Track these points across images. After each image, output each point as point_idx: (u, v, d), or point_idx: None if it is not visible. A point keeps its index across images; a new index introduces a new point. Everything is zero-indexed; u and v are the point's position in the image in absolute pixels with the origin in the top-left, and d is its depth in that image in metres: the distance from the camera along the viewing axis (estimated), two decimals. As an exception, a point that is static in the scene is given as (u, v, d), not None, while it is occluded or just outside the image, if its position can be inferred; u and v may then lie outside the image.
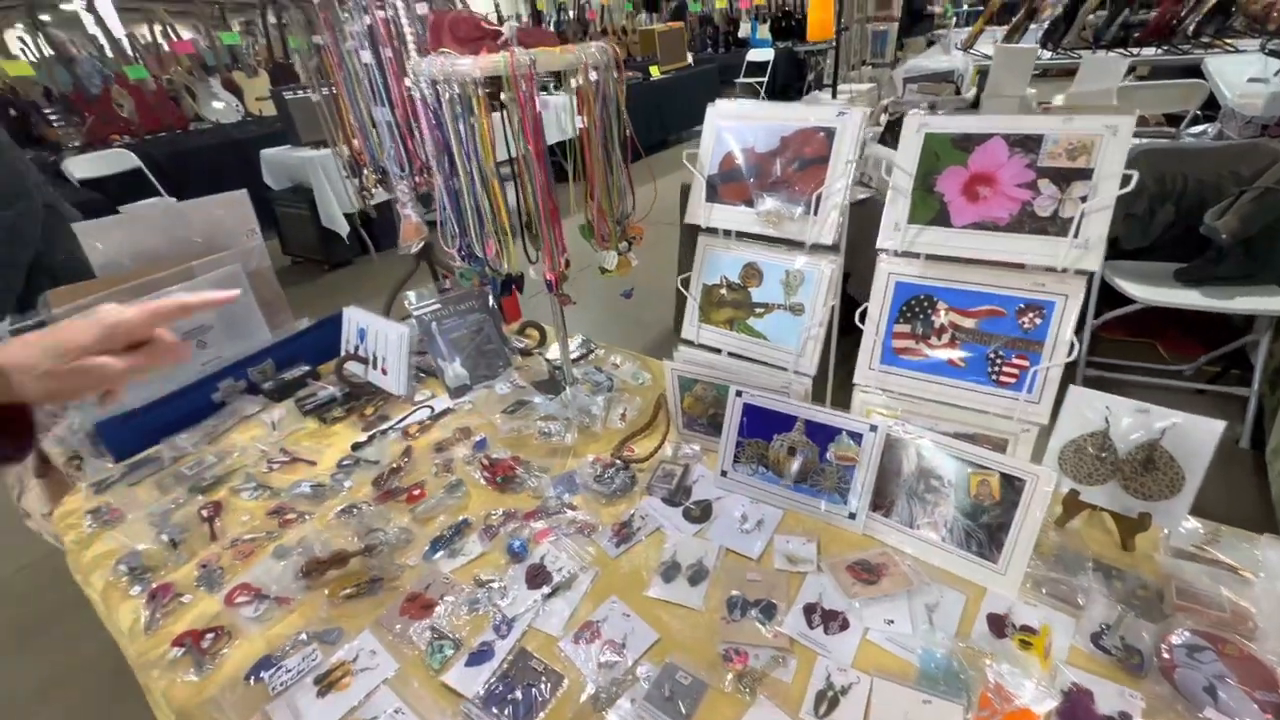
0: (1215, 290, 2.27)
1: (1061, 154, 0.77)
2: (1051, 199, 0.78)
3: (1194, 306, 2.25)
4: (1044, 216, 0.79)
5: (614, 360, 1.40)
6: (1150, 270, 2.43)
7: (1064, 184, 0.77)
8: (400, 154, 1.25)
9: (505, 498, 1.09)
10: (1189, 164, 2.38)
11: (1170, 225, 2.43)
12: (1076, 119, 0.76)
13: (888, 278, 0.90)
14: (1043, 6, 6.28)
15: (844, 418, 0.94)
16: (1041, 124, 0.78)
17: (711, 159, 1.01)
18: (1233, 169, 2.32)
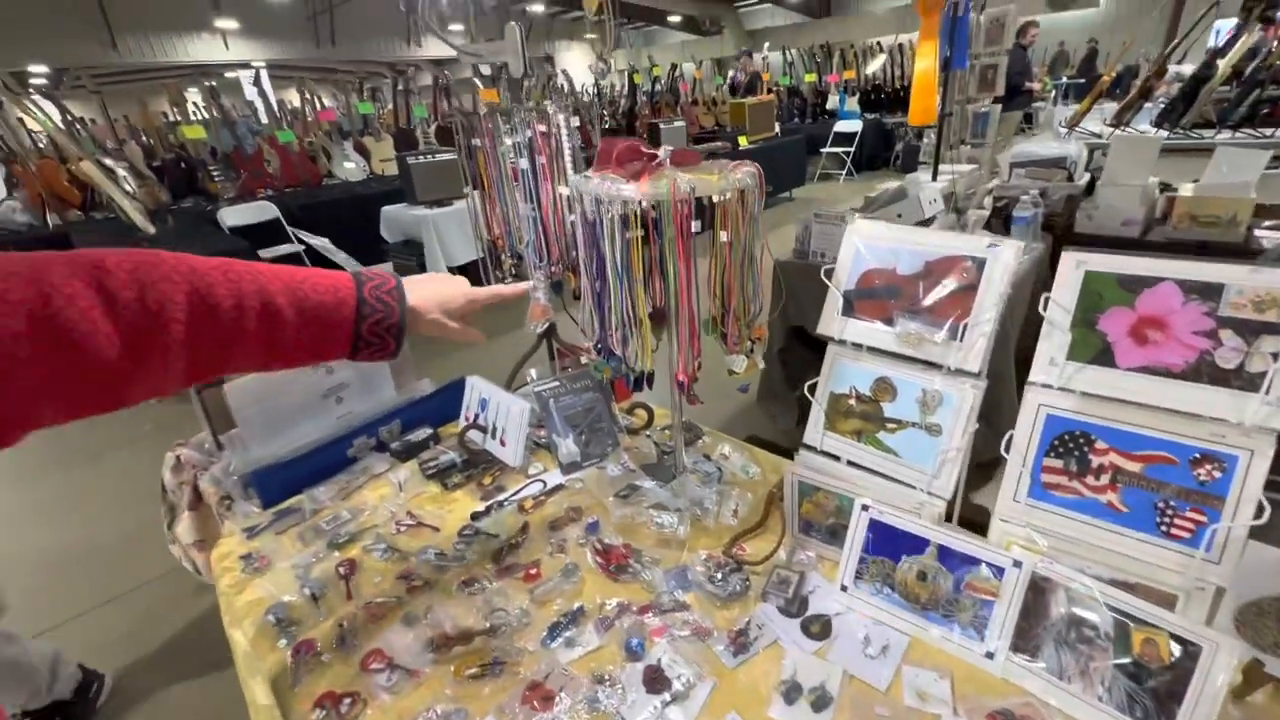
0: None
1: (1246, 305, 0.73)
2: (1236, 351, 0.74)
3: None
4: (1227, 369, 0.75)
5: (722, 450, 1.41)
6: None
7: (1251, 337, 0.74)
8: (540, 246, 1.36)
9: (618, 587, 1.11)
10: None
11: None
12: (1264, 271, 0.73)
13: (1037, 409, 0.87)
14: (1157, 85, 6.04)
15: (984, 548, 0.90)
16: (1220, 273, 0.75)
17: (850, 275, 1.03)
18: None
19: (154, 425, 3.75)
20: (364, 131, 7.18)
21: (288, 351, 0.74)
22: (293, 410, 1.54)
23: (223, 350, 0.67)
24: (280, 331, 0.71)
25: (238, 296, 0.67)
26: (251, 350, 0.70)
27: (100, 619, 2.33)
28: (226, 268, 0.69)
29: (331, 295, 0.75)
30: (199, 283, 0.65)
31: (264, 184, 6.13)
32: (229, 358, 0.69)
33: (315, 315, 0.73)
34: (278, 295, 0.70)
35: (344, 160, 6.65)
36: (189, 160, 6.39)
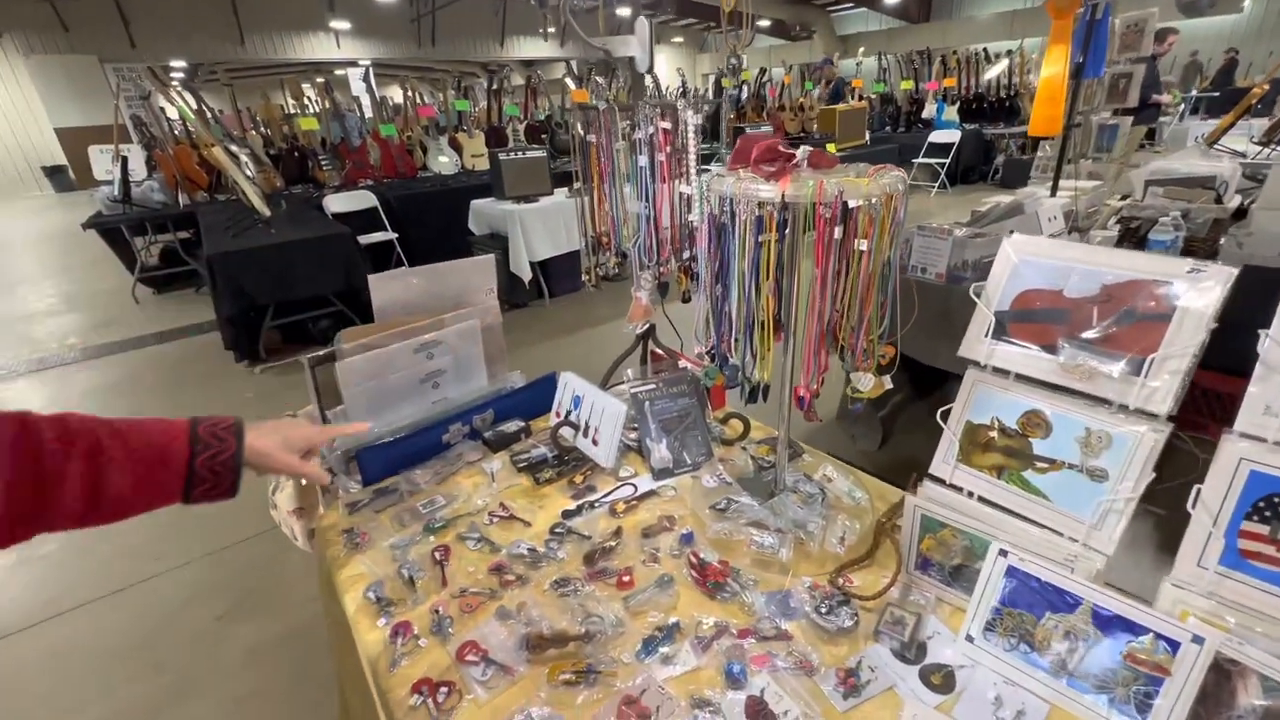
0: None
1: None
2: None
3: None
4: None
5: (826, 472, 1.33)
6: None
7: None
8: (650, 245, 1.33)
9: (715, 606, 1.06)
10: None
11: None
12: None
13: (1238, 462, 0.75)
14: (1316, 101, 5.39)
15: (1153, 615, 0.78)
16: None
17: (1003, 294, 0.93)
18: None
19: (255, 394, 4.03)
20: (458, 128, 7.47)
21: (115, 494, 0.71)
22: (395, 392, 1.59)
23: (41, 491, 0.66)
24: (108, 470, 0.70)
25: (63, 432, 0.68)
26: (76, 491, 0.67)
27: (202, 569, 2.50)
28: (60, 416, 0.70)
29: (162, 434, 0.76)
30: (28, 419, 0.67)
31: (365, 174, 6.50)
32: (50, 501, 0.67)
33: (145, 452, 0.73)
34: (105, 435, 0.71)
35: (439, 154, 6.95)
36: (301, 150, 6.87)
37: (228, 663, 2.06)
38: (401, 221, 5.77)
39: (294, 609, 2.25)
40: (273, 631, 2.17)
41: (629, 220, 1.40)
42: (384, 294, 1.72)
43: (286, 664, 2.03)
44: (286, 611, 2.25)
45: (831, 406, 3.15)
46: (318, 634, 1.78)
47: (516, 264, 4.95)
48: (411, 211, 5.83)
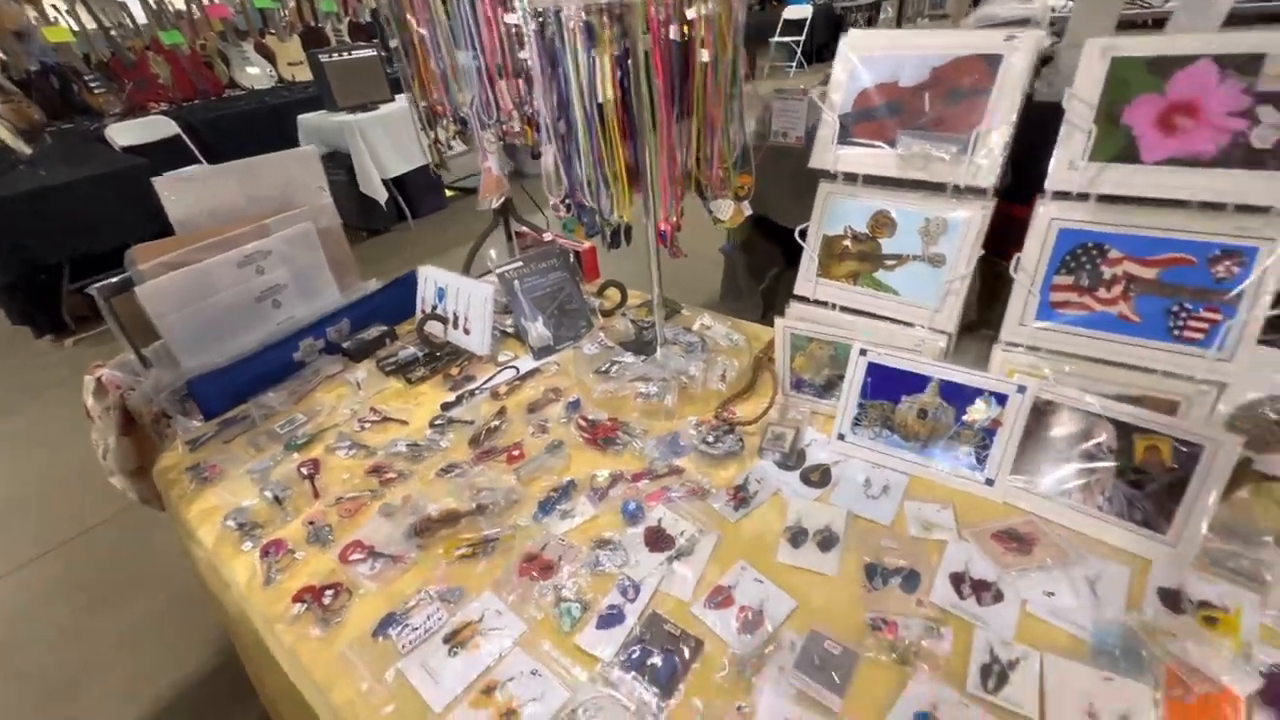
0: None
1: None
2: (1274, 128, 0.69)
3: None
4: (1263, 149, 0.70)
5: (703, 321, 1.34)
6: None
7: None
8: (487, 100, 1.19)
9: (608, 459, 1.05)
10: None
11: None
12: (1309, 34, 0.66)
13: (1049, 224, 0.82)
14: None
15: (988, 379, 0.87)
16: (1264, 42, 0.68)
17: (844, 96, 0.92)
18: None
19: (71, 370, 3.43)
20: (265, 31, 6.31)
21: None
22: (224, 316, 1.37)
23: None
24: None
25: None
26: None
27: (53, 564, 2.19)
28: None
29: None
30: None
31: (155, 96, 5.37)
32: None
33: None
34: None
35: (246, 65, 5.87)
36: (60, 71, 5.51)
37: (102, 653, 1.85)
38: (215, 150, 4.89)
39: (174, 578, 2.04)
40: (149, 609, 1.96)
41: (459, 76, 1.23)
42: (181, 202, 1.44)
43: (174, 633, 1.86)
44: (167, 582, 2.03)
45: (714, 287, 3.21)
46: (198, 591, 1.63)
47: (366, 183, 4.43)
48: (225, 137, 4.95)
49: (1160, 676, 0.66)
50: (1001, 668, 0.69)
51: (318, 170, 1.61)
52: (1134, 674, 0.67)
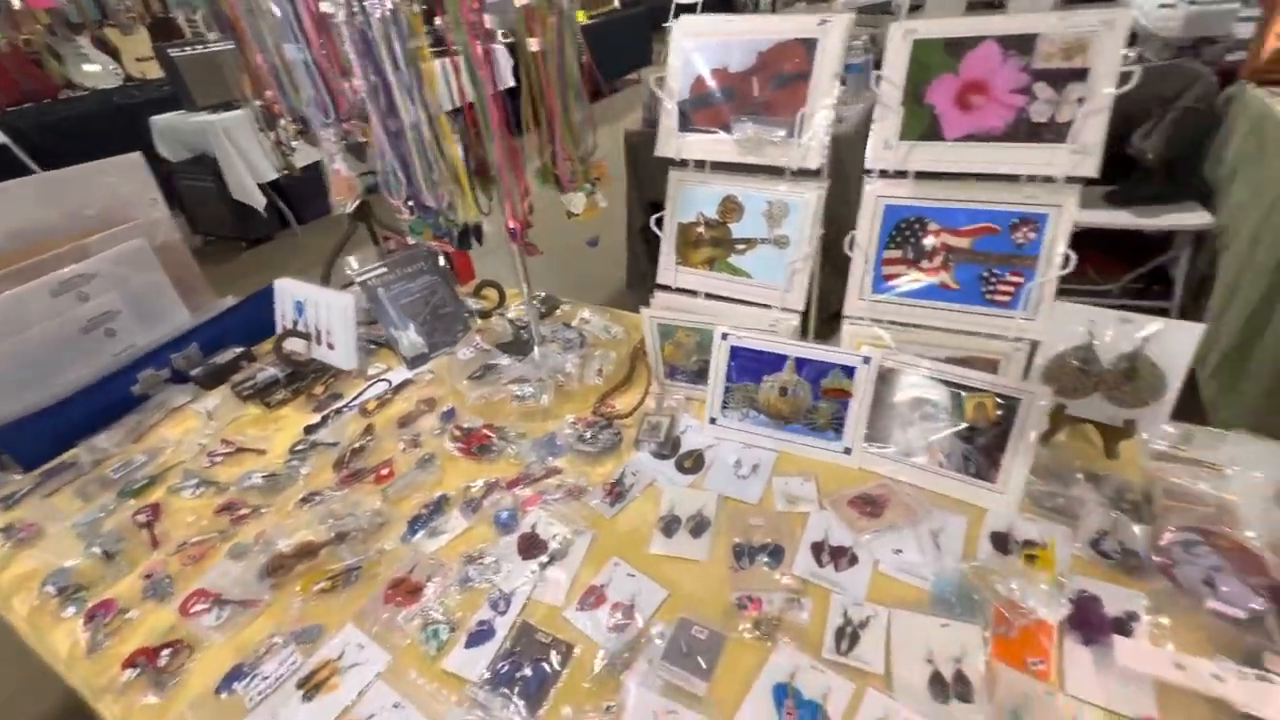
0: (1142, 210, 2.38)
1: (1057, 54, 0.73)
2: (1048, 103, 0.75)
3: (1125, 226, 2.36)
4: (1040, 123, 0.76)
5: (582, 316, 1.32)
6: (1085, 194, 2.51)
7: (1060, 86, 0.74)
8: (322, 97, 1.10)
9: (483, 467, 1.02)
10: (1118, 87, 2.43)
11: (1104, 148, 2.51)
12: (1073, 14, 0.72)
13: (876, 201, 0.86)
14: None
15: (835, 352, 0.91)
16: (1036, 23, 0.74)
17: (681, 83, 0.92)
18: (1155, 91, 2.40)
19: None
20: (103, 23, 5.62)
21: None
22: (40, 351, 1.21)
23: None
24: None
25: None
26: None
27: None
28: None
29: None
30: None
31: (-29, 101, 4.68)
32: None
33: None
34: None
35: (82, 62, 5.21)
36: None
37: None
38: (55, 159, 4.34)
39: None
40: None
41: (291, 71, 1.13)
42: (-28, 226, 1.25)
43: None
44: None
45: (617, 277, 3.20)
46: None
47: (239, 189, 4.08)
48: (66, 143, 4.39)
49: (989, 616, 0.72)
50: (854, 629, 0.73)
51: (146, 180, 1.45)
52: (967, 617, 0.72)
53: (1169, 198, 2.40)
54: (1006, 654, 0.68)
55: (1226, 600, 0.68)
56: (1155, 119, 2.38)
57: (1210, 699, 0.61)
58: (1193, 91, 2.33)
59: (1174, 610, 0.69)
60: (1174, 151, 2.34)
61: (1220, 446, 0.88)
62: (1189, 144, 2.37)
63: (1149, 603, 0.71)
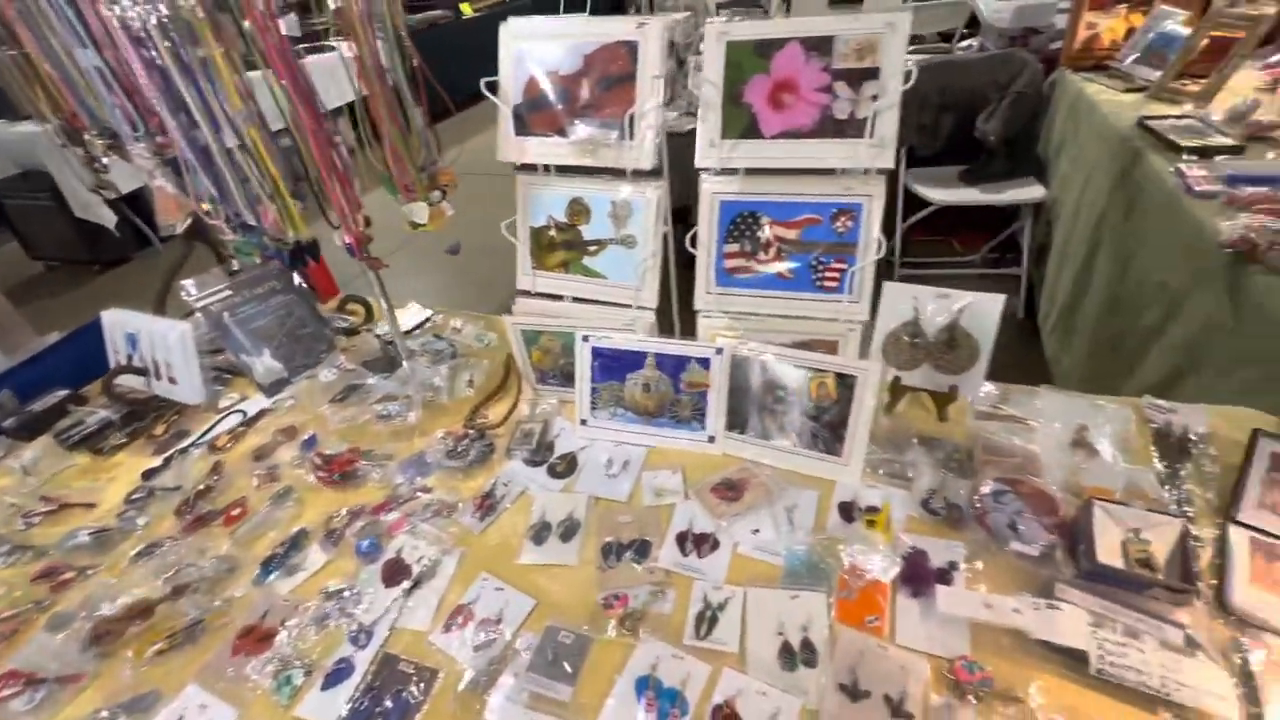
0: (990, 187, 2.62)
1: (851, 55, 0.79)
2: (847, 101, 0.80)
3: (974, 202, 2.58)
4: (842, 119, 0.81)
5: (454, 325, 1.28)
6: (941, 175, 2.74)
7: (856, 85, 0.80)
8: (126, 108, 0.99)
9: (347, 495, 0.97)
10: (961, 76, 2.66)
11: (953, 132, 2.73)
12: (861, 17, 0.77)
13: (712, 198, 0.89)
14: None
15: (690, 345, 0.94)
16: (832, 25, 0.79)
17: (515, 86, 0.91)
18: (993, 78, 2.64)
19: None
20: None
21: None
22: None
23: None
24: None
25: None
26: None
27: None
28: None
29: None
30: None
31: None
32: None
33: None
34: None
35: None
36: None
37: None
38: None
39: None
40: None
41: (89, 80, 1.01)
42: None
43: None
44: None
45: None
46: None
47: (81, 206, 3.63)
48: None
49: (834, 582, 0.77)
50: (713, 612, 0.76)
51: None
52: (814, 586, 0.77)
53: (1011, 174, 2.66)
54: (847, 616, 0.74)
55: (1025, 540, 0.76)
56: (994, 104, 2.61)
57: (1011, 631, 0.69)
58: (1023, 78, 2.57)
59: (986, 555, 0.77)
60: (1011, 132, 2.59)
61: (1031, 402, 0.99)
62: (1023, 125, 2.62)
63: (967, 551, 0.78)
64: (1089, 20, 2.53)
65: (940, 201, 2.59)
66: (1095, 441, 0.91)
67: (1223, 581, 0.71)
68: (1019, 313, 2.70)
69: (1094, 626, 0.67)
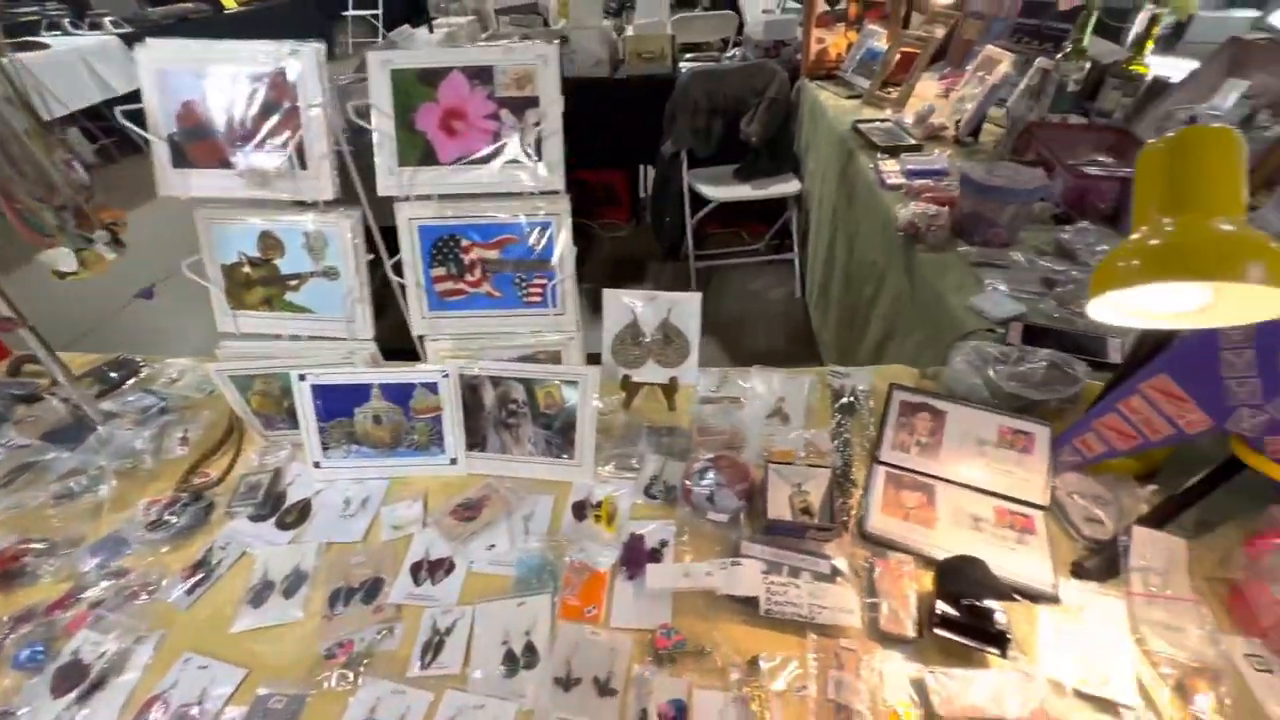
0: (758, 183, 2.93)
1: (511, 84, 0.83)
2: (513, 128, 0.84)
3: (746, 198, 2.87)
4: (511, 145, 0.85)
5: (170, 375, 1.14)
6: (718, 174, 3.00)
7: (520, 113, 0.84)
8: None
9: (13, 599, 0.82)
10: (726, 82, 2.92)
11: (724, 135, 3.01)
12: (516, 49, 0.82)
13: (409, 224, 0.88)
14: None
15: (416, 371, 0.93)
16: (488, 55, 0.82)
17: (163, 114, 0.82)
18: (751, 85, 2.94)
19: None
20: None
21: None
22: None
23: None
24: None
25: None
26: None
27: None
28: None
29: None
30: None
31: None
32: None
33: None
34: None
35: None
36: None
37: None
38: None
39: None
40: None
41: None
42: None
43: None
44: None
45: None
46: None
47: None
48: None
49: (560, 582, 0.81)
50: (440, 637, 0.76)
51: None
52: (542, 589, 0.81)
53: (775, 171, 2.99)
54: (570, 612, 0.78)
55: (719, 509, 0.87)
56: (754, 108, 2.92)
57: (705, 593, 0.78)
58: (774, 86, 2.90)
59: (692, 528, 0.87)
60: (770, 134, 2.91)
61: (745, 382, 1.13)
62: (778, 127, 2.96)
63: (676, 528, 0.87)
64: (818, 36, 2.92)
65: (717, 198, 2.84)
66: (789, 410, 1.06)
67: (864, 513, 0.87)
68: (796, 292, 3.07)
69: (766, 574, 0.79)
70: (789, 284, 3.12)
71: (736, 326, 2.96)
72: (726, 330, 2.91)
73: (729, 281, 3.26)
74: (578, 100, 0.96)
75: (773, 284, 3.22)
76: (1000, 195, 1.45)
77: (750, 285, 3.25)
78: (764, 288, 3.22)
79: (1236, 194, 0.61)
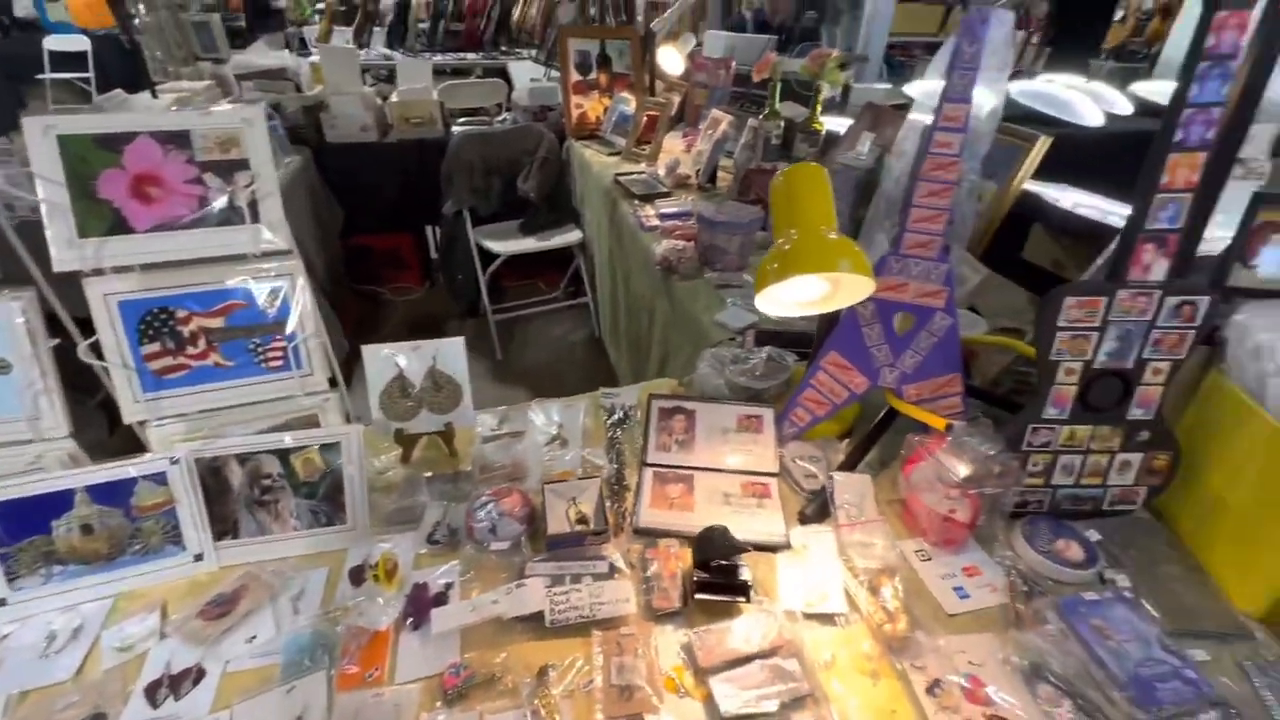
0: (542, 235, 3.08)
1: (215, 148, 0.81)
2: (220, 191, 0.82)
3: (532, 249, 3.00)
4: (224, 208, 0.83)
5: None
6: (504, 229, 3.10)
7: (228, 176, 0.83)
8: None
9: None
10: (499, 144, 3.06)
11: (503, 192, 3.13)
12: (215, 113, 0.80)
13: (105, 300, 0.79)
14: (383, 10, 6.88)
15: (133, 464, 0.82)
16: (183, 120, 0.80)
17: None
18: (523, 146, 3.12)
19: None
20: None
21: None
22: None
23: None
24: None
25: None
26: None
27: None
28: None
29: None
30: None
31: None
32: None
33: None
34: None
35: None
36: None
37: None
38: None
39: None
40: None
41: None
42: None
43: None
44: None
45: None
46: None
47: None
48: None
49: (338, 653, 0.77)
50: (187, 757, 0.67)
51: None
52: (316, 668, 0.75)
53: (557, 224, 3.18)
54: (348, 681, 0.74)
55: (501, 538, 0.90)
56: (528, 167, 3.09)
57: (494, 620, 0.79)
58: (543, 147, 3.11)
59: (477, 564, 0.88)
60: (546, 190, 3.10)
61: (525, 415, 1.18)
62: (554, 183, 3.17)
63: (462, 567, 0.88)
64: (576, 101, 3.22)
65: (505, 252, 2.93)
66: (568, 435, 1.13)
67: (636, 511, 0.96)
68: (595, 332, 3.25)
69: (550, 588, 0.83)
70: (588, 325, 3.30)
71: (544, 372, 3.03)
72: (535, 377, 2.97)
73: (531, 330, 3.34)
74: (346, 164, 0.96)
75: (573, 328, 3.37)
76: (727, 229, 1.74)
77: (553, 331, 3.37)
78: (565, 332, 3.36)
79: (828, 210, 0.84)
